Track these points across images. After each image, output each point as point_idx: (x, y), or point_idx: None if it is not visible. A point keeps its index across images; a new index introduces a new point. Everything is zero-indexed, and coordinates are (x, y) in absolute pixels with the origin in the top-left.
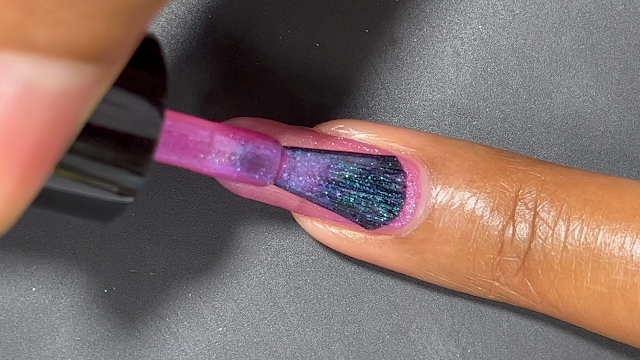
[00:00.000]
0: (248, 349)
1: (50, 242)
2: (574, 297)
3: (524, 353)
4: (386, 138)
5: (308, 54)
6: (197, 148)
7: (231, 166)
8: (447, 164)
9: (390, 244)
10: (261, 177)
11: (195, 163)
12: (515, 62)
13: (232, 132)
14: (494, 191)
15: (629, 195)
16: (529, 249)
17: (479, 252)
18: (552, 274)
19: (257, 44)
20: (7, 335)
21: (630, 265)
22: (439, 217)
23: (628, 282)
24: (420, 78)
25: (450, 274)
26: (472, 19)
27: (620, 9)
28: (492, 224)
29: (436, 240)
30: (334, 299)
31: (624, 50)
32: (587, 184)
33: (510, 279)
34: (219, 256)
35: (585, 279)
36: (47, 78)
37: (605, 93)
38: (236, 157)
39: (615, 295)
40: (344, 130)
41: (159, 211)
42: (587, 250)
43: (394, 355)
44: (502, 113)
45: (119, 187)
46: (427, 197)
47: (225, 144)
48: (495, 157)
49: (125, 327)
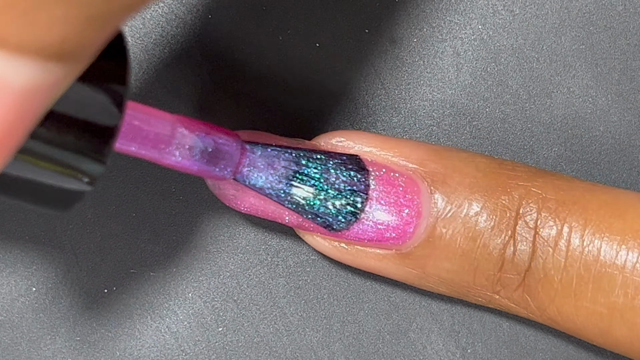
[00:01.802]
0: (248, 349)
1: (50, 243)
2: (573, 315)
3: (524, 353)
4: (386, 152)
5: (308, 54)
6: (157, 139)
7: (191, 158)
8: (448, 180)
9: (390, 258)
10: (221, 170)
11: (155, 154)
12: (515, 63)
13: (193, 124)
14: (495, 209)
15: (630, 214)
16: (529, 267)
17: (480, 269)
18: (552, 292)
19: (257, 44)
20: (7, 335)
21: (630, 288)
22: (439, 235)
23: (628, 304)
24: (420, 78)
25: (451, 287)
26: (472, 19)
27: (620, 9)
28: (493, 243)
29: (437, 257)
30: (334, 299)
31: (624, 51)
32: (588, 201)
33: (510, 294)
34: (219, 256)
35: (585, 299)
36: (14, 73)
37: (605, 93)
38: (196, 149)
39: (615, 316)
40: (343, 143)
41: (159, 211)
42: (587, 271)
43: (394, 355)
44: (502, 113)
45: (80, 173)
46: (427, 214)
47: (185, 136)
48: (496, 171)
49: (125, 328)
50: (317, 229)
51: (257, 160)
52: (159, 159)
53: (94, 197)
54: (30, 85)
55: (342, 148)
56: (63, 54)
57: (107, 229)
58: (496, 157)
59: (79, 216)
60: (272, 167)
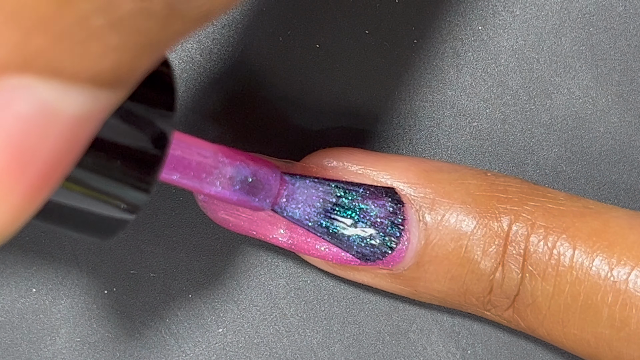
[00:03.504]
0: (248, 350)
1: (50, 244)
2: (562, 339)
3: (524, 354)
4: (377, 173)
5: (308, 54)
6: (199, 168)
7: (231, 188)
8: (437, 207)
9: (382, 276)
10: (260, 201)
11: (197, 184)
12: (515, 63)
13: (234, 154)
14: (484, 235)
15: (619, 246)
16: (518, 292)
17: (469, 292)
18: (541, 317)
19: (257, 44)
20: (7, 336)
21: (617, 321)
22: (429, 260)
23: (614, 336)
24: (420, 78)
25: (443, 303)
26: (472, 20)
27: (620, 10)
28: (482, 268)
29: (427, 279)
30: (334, 300)
31: (624, 52)
32: (578, 229)
33: (501, 313)
34: (219, 257)
35: (573, 326)
36: (66, 102)
37: (605, 94)
38: (236, 179)
39: (602, 346)
40: (332, 164)
41: (159, 212)
42: (575, 300)
43: (394, 356)
44: (502, 114)
45: (123, 203)
46: (416, 240)
47: (226, 166)
48: (487, 195)
49: (125, 328)
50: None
51: (295, 192)
52: (199, 189)
53: None
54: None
55: (333, 170)
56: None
57: None
58: (489, 174)
59: None
60: (310, 198)
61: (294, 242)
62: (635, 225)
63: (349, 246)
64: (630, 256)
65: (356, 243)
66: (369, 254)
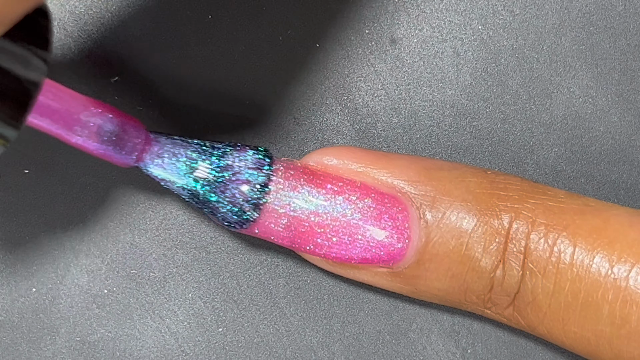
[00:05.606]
0: (248, 350)
1: (50, 243)
2: (562, 337)
3: (524, 354)
4: (377, 171)
5: (308, 54)
6: (68, 116)
7: (98, 139)
8: (438, 204)
9: (382, 275)
10: (125, 155)
11: (63, 132)
12: (516, 63)
13: (103, 107)
14: (485, 233)
15: (619, 244)
16: (519, 289)
17: (470, 290)
18: (541, 315)
19: (257, 44)
20: (7, 335)
21: (617, 318)
22: (429, 259)
23: (615, 333)
24: (420, 78)
25: (444, 301)
26: (472, 20)
27: (620, 9)
28: (482, 266)
29: (427, 278)
30: (334, 300)
31: (624, 51)
32: (578, 226)
33: (501, 311)
34: (219, 257)
35: (573, 324)
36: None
37: (605, 94)
38: (104, 130)
39: (603, 344)
40: (333, 162)
41: (159, 212)
42: (575, 298)
43: (394, 355)
44: (502, 114)
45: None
46: (417, 238)
47: (95, 117)
48: (487, 192)
49: (125, 328)
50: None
51: (162, 149)
52: (65, 137)
53: (93, 198)
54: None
55: (332, 168)
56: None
57: (107, 229)
58: (489, 172)
59: (79, 216)
60: (175, 158)
61: (293, 240)
62: (636, 223)
63: (213, 212)
64: (630, 253)
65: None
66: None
